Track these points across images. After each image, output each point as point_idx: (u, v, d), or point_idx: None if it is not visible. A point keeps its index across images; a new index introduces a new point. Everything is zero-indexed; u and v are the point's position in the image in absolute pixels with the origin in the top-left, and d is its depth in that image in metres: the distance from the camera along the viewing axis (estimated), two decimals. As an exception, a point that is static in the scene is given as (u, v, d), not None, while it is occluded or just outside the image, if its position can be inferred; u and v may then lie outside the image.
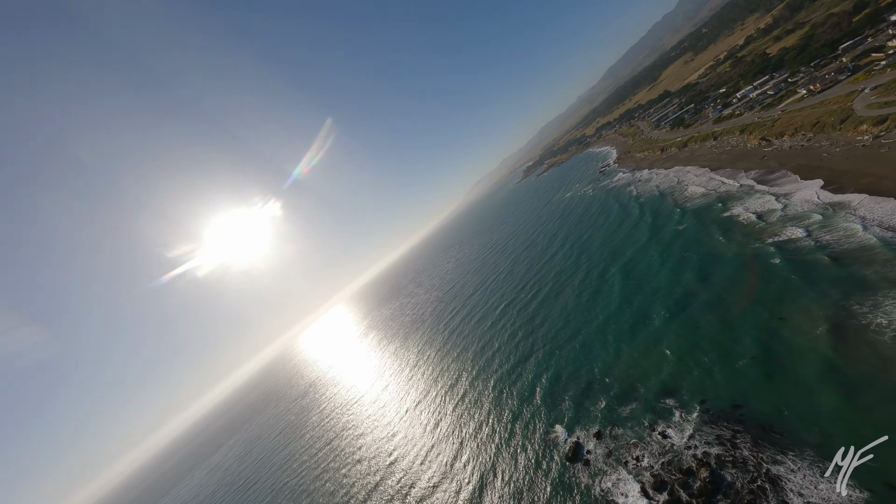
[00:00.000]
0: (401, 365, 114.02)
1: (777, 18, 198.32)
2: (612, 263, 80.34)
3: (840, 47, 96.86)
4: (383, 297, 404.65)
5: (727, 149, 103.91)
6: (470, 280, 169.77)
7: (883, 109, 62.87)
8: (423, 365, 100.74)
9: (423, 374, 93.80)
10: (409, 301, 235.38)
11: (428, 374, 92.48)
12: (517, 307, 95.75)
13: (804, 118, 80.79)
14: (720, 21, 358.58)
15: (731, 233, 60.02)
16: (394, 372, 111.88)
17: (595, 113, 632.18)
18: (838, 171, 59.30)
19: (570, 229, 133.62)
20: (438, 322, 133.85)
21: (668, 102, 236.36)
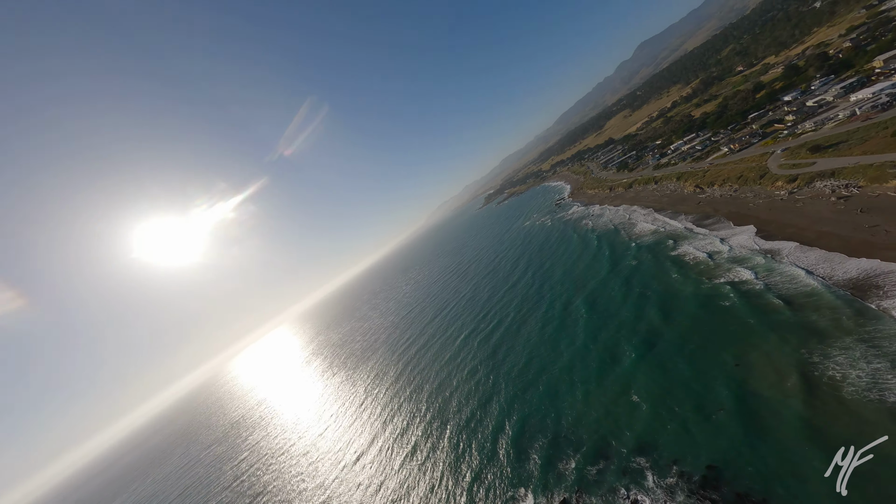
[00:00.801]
0: (344, 404, 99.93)
1: (695, 90, 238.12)
2: (576, 295, 79.95)
3: (749, 116, 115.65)
4: (334, 320, 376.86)
5: (667, 193, 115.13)
6: (429, 305, 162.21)
7: (792, 170, 73.07)
8: (370, 405, 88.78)
9: (370, 417, 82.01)
10: (362, 325, 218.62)
11: (375, 416, 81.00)
12: (478, 338, 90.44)
13: (730, 171, 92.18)
14: (650, 87, 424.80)
15: (685, 270, 62.54)
16: (335, 413, 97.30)
17: (550, 151, 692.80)
18: (765, 220, 66.13)
19: (531, 257, 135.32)
20: (392, 352, 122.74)
21: (612, 148, 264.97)
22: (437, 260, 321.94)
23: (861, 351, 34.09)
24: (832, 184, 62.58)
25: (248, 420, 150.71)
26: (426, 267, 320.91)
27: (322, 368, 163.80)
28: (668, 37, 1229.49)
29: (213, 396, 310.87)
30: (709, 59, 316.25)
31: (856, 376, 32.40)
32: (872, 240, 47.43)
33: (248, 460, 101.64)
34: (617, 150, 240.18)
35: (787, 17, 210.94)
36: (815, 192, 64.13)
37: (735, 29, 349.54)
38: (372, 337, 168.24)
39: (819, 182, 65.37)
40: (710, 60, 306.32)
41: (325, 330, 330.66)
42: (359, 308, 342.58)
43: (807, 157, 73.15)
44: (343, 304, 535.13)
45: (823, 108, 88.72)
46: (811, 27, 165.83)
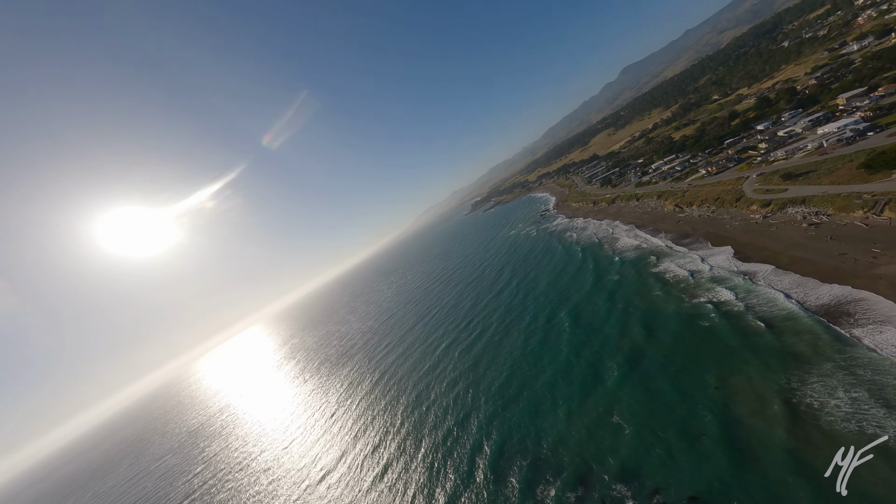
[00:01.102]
0: (314, 415, 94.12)
1: (675, 114, 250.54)
2: (560, 307, 79.24)
3: (726, 142, 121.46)
4: (310, 322, 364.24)
5: (648, 210, 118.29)
6: (410, 311, 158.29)
7: (766, 195, 76.16)
8: (341, 417, 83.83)
9: (340, 431, 77.19)
10: (339, 329, 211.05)
11: (346, 430, 76.32)
12: (459, 348, 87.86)
13: (707, 193, 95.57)
14: (633, 108, 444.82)
15: (667, 287, 63.01)
16: (303, 424, 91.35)
17: (537, 163, 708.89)
18: (742, 242, 68.06)
19: (516, 266, 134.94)
20: (369, 360, 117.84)
21: (597, 163, 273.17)
22: (421, 264, 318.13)
23: (839, 379, 34.24)
24: (803, 210, 65.33)
25: (207, 428, 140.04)
26: (410, 271, 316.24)
27: (293, 374, 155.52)
28: (650, 63, 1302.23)
29: (174, 399, 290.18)
30: (687, 86, 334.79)
31: (834, 405, 32.33)
32: (843, 267, 49.11)
33: (202, 475, 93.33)
34: (601, 166, 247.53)
35: (759, 54, 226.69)
36: (788, 218, 66.77)
37: (711, 60, 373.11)
38: (349, 342, 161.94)
39: (791, 208, 68.20)
40: (688, 87, 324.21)
41: (301, 332, 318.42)
42: (337, 311, 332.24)
43: (779, 184, 76.52)
44: (322, 305, 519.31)
45: (793, 138, 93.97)
46: (780, 64, 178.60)
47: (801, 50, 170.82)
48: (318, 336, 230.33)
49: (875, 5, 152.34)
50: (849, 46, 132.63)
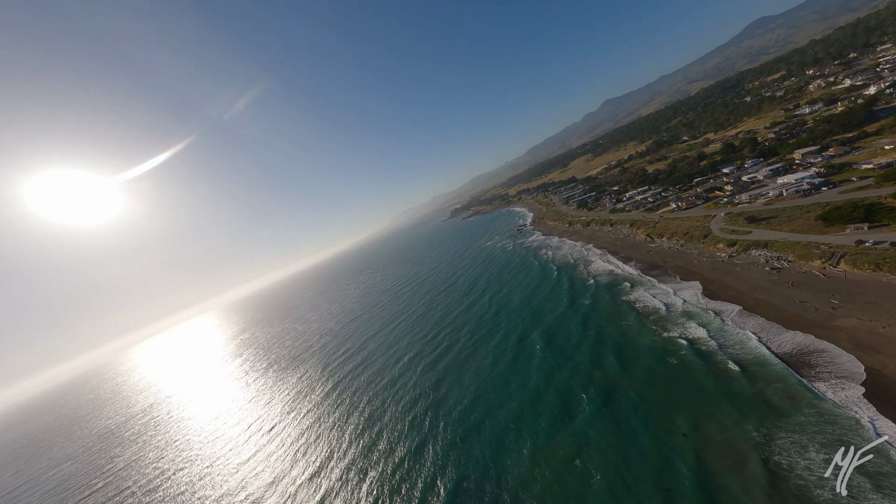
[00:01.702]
0: (250, 426, 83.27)
1: (649, 148, 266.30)
2: (532, 327, 76.50)
3: (695, 180, 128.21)
4: (267, 316, 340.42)
5: (620, 237, 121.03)
6: (376, 316, 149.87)
7: (732, 235, 79.11)
8: (281, 432, 74.37)
9: (277, 450, 67.93)
10: (297, 328, 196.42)
11: (284, 449, 67.27)
12: (423, 363, 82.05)
13: (677, 227, 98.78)
14: (611, 139, 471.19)
15: (640, 318, 62.22)
16: (236, 437, 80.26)
17: (518, 178, 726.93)
18: (709, 279, 69.29)
19: (490, 279, 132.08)
20: (323, 366, 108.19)
21: (574, 186, 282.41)
22: (394, 266, 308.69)
23: (809, 436, 32.98)
24: (766, 254, 67.85)
25: (123, 432, 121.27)
26: (381, 272, 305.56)
27: (236, 375, 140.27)
28: (628, 100, 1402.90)
29: (94, 392, 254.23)
30: (660, 124, 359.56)
31: (805, 466, 30.75)
32: (804, 315, 50.07)
33: (102, 494, 78.47)
34: (578, 189, 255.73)
35: (725, 104, 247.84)
36: (752, 260, 69.13)
37: (682, 105, 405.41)
38: (304, 344, 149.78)
39: (755, 250, 70.82)
40: (661, 126, 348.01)
41: (255, 326, 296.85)
42: (298, 307, 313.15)
43: (744, 226, 79.90)
44: (283, 299, 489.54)
45: (755, 184, 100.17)
46: (742, 116, 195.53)
47: (762, 106, 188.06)
48: (273, 333, 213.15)
49: (823, 76, 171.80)
50: (802, 109, 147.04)
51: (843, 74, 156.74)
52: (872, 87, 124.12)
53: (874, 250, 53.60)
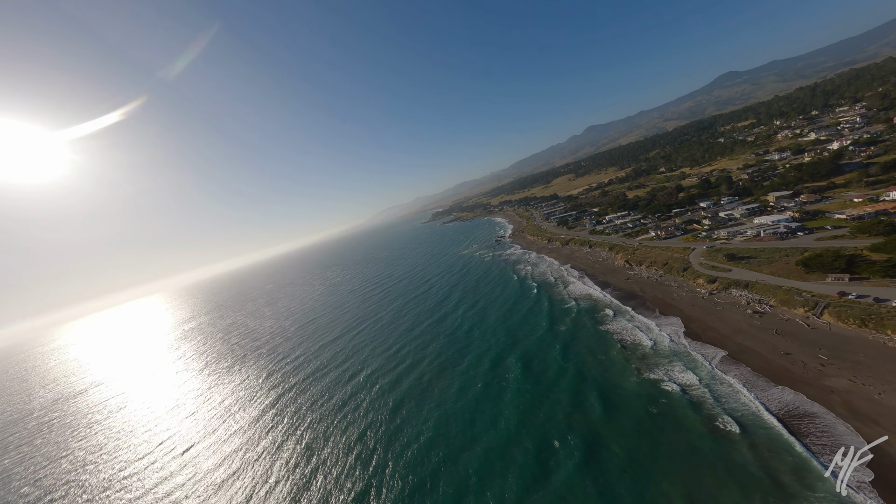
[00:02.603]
0: (162, 444, 68.85)
1: (628, 175, 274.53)
2: (508, 351, 69.68)
3: (673, 211, 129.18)
4: (221, 305, 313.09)
5: (599, 259, 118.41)
6: (338, 319, 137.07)
7: (712, 271, 76.97)
8: (196, 456, 61.53)
9: (184, 482, 54.73)
10: (249, 323, 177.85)
11: (193, 481, 54.25)
12: (380, 382, 72.17)
13: (657, 256, 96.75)
14: (593, 162, 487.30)
15: (625, 353, 57.43)
16: (132, 460, 65.41)
17: (501, 189, 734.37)
18: (690, 316, 65.63)
19: (466, 290, 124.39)
20: (268, 374, 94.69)
21: (556, 203, 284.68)
22: (366, 265, 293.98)
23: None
24: (747, 295, 65.36)
25: (8, 431, 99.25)
26: (352, 270, 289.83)
27: (165, 375, 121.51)
28: (609, 129, 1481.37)
29: (8, 372, 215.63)
30: (640, 154, 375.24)
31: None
32: (792, 369, 46.34)
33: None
34: (559, 206, 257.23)
35: (700, 143, 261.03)
36: (733, 299, 66.47)
37: (660, 139, 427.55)
38: (252, 343, 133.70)
39: (735, 290, 68.41)
40: (640, 156, 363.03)
41: (204, 315, 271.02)
42: (256, 298, 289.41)
43: (724, 263, 78.18)
44: (243, 287, 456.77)
45: (732, 221, 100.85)
46: (716, 155, 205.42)
47: (734, 148, 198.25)
48: (221, 326, 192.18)
49: (790, 128, 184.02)
50: (771, 155, 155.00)
51: (809, 128, 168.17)
52: (835, 142, 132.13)
53: (858, 304, 51.56)
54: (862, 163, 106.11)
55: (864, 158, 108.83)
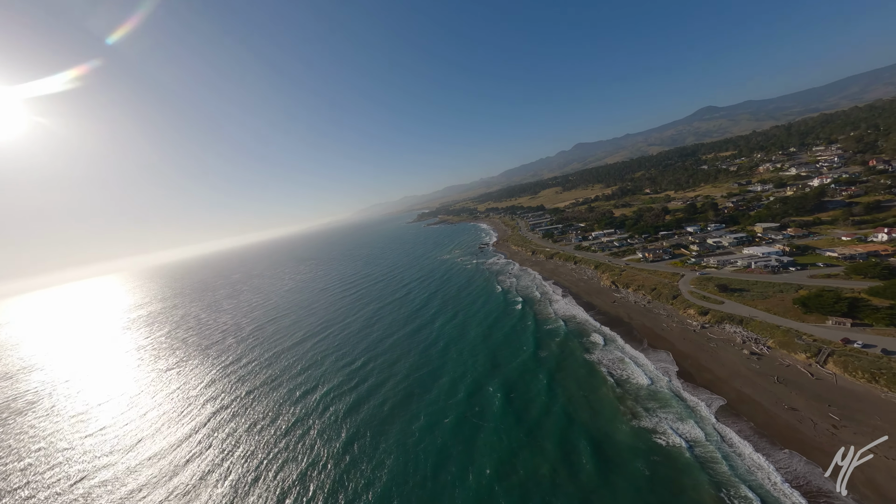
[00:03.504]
0: (57, 468, 54.62)
1: (614, 192, 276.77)
2: (488, 377, 61.74)
3: (660, 233, 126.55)
4: (179, 293, 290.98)
5: (584, 277, 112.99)
6: (302, 321, 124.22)
7: (703, 302, 72.16)
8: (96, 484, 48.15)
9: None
10: (203, 317, 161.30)
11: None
12: (335, 406, 62.25)
13: (644, 279, 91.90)
14: (580, 177, 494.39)
15: (616, 391, 51.00)
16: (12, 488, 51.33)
17: (489, 196, 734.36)
18: (682, 352, 59.72)
19: (446, 299, 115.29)
20: (210, 381, 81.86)
21: (542, 214, 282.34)
22: (343, 262, 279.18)
23: None
24: (742, 333, 60.32)
25: None
26: (327, 266, 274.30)
27: (93, 371, 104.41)
28: (597, 148, 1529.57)
29: None
30: (625, 174, 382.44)
31: None
32: (800, 428, 40.46)
33: None
34: (546, 218, 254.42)
35: (685, 168, 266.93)
36: (727, 336, 61.29)
37: (646, 161, 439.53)
38: (201, 341, 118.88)
39: (729, 325, 63.42)
40: (626, 176, 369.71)
41: (158, 303, 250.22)
42: (218, 289, 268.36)
43: (715, 293, 73.67)
44: (207, 274, 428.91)
45: (721, 249, 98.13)
46: (700, 181, 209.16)
47: (718, 176, 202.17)
48: (172, 318, 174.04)
49: (771, 162, 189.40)
50: (754, 186, 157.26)
51: (789, 163, 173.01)
52: (816, 179, 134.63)
53: (865, 355, 46.89)
54: (844, 202, 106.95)
55: (846, 197, 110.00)
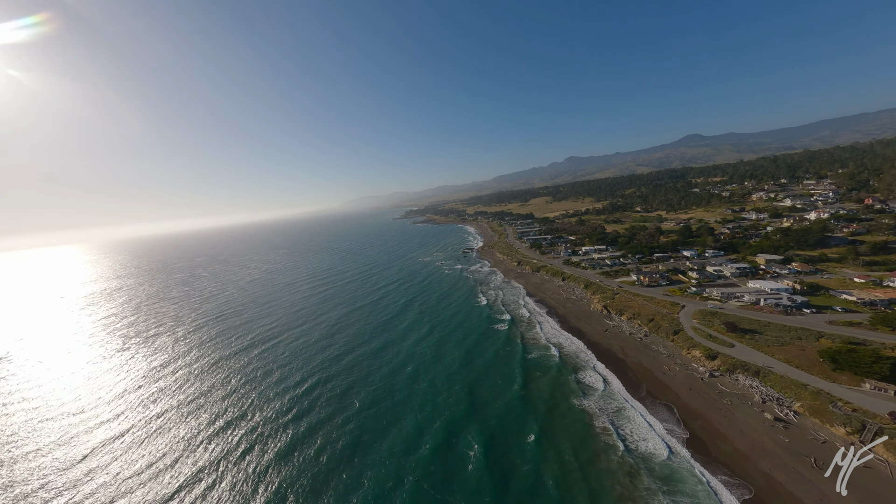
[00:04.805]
0: None
1: (605, 207, 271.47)
2: (464, 423, 49.08)
3: (655, 255, 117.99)
4: (134, 271, 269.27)
5: (573, 297, 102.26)
6: (255, 321, 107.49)
7: (710, 342, 62.08)
8: None
9: None
10: (144, 306, 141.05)
11: None
12: (255, 453, 48.06)
13: (640, 307, 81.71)
14: (570, 189, 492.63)
15: (619, 457, 39.19)
16: None
17: (479, 199, 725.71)
18: (689, 409, 48.81)
19: (423, 311, 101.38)
20: (111, 398, 64.22)
21: (531, 223, 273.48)
22: (317, 255, 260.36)
23: None
24: (760, 389, 50.07)
25: None
26: (300, 258, 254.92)
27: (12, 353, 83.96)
28: (588, 162, 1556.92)
29: None
30: (616, 190, 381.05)
31: None
32: (864, 549, 29.50)
33: None
34: (535, 227, 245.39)
35: (676, 189, 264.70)
36: (742, 390, 50.94)
37: (636, 179, 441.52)
38: (123, 339, 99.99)
39: (742, 376, 53.21)
40: (617, 191, 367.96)
41: (104, 282, 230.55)
42: (175, 272, 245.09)
43: (722, 333, 63.82)
44: (170, 254, 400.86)
45: (723, 280, 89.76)
46: (692, 204, 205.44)
47: (711, 201, 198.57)
48: (107, 306, 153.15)
49: (764, 191, 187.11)
50: (748, 213, 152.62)
51: (783, 194, 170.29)
52: (813, 212, 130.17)
53: (925, 439, 36.82)
54: (847, 238, 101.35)
55: (848, 234, 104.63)
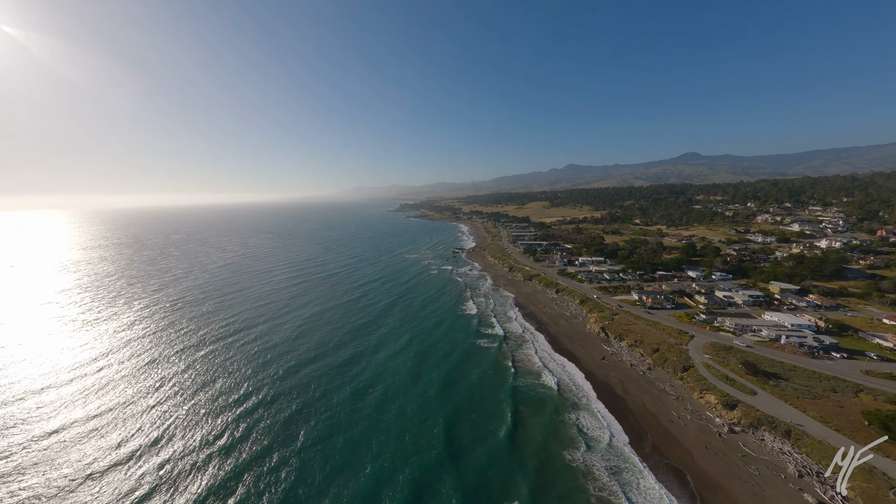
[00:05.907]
0: None
1: (603, 217, 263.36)
2: (438, 476, 38.66)
3: (658, 272, 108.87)
4: (106, 244, 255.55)
5: (566, 313, 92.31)
6: (213, 314, 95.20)
7: (726, 385, 52.46)
8: None
9: None
10: (103, 285, 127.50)
11: None
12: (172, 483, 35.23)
13: (643, 332, 71.98)
14: (570, 196, 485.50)
15: None
16: None
17: (476, 199, 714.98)
18: (706, 478, 38.81)
19: (405, 317, 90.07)
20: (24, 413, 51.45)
21: (527, 227, 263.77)
22: (300, 243, 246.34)
23: None
24: (795, 457, 40.38)
25: None
26: (283, 244, 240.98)
27: None
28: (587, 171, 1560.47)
29: None
30: (615, 200, 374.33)
31: None
32: None
33: None
34: (530, 231, 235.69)
35: (677, 204, 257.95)
36: (770, 456, 41.20)
37: (636, 191, 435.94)
38: (67, 319, 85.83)
39: (770, 435, 43.52)
40: (616, 202, 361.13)
41: (70, 252, 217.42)
42: (147, 248, 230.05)
43: (742, 375, 54.29)
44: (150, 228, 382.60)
45: (734, 308, 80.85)
46: (693, 221, 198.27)
47: (713, 219, 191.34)
48: (62, 276, 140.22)
49: (770, 213, 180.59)
50: (753, 235, 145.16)
51: (790, 219, 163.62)
52: (823, 240, 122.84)
53: None
54: (864, 271, 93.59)
55: (865, 267, 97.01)
